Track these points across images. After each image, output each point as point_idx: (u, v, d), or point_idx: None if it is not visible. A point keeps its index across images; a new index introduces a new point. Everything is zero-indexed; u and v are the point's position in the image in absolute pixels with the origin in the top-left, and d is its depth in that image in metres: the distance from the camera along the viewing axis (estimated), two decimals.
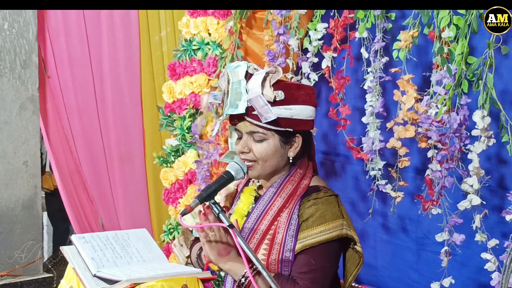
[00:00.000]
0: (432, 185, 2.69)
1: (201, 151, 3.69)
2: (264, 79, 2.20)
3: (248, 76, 2.23)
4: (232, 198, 2.45)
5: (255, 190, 2.39)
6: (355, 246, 2.30)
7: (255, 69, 2.24)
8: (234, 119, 2.26)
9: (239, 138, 2.29)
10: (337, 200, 2.28)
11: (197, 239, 2.48)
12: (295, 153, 2.29)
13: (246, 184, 2.43)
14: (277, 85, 2.21)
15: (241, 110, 2.21)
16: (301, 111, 2.24)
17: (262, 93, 2.18)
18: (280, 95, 2.20)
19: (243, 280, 2.17)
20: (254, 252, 2.23)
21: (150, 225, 4.33)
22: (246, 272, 2.15)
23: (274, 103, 2.19)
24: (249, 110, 2.21)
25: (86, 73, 4.14)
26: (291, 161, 2.29)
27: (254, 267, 2.14)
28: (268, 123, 2.21)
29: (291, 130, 2.25)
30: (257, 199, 2.36)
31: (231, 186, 2.45)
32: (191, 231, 2.57)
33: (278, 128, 2.23)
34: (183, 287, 2.09)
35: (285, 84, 2.25)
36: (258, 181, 2.39)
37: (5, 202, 3.67)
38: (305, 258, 2.21)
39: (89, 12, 4.09)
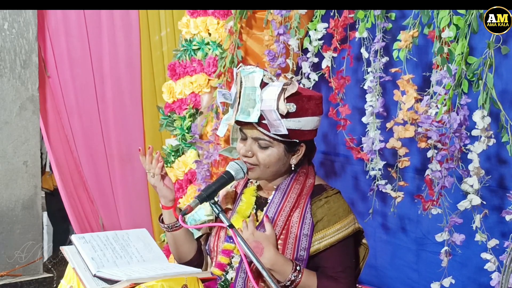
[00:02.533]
0: (432, 185, 2.69)
1: (201, 151, 3.69)
2: (280, 93, 2.19)
3: (262, 84, 2.22)
4: (232, 199, 2.45)
5: (255, 190, 2.39)
6: (362, 239, 2.38)
7: (270, 78, 2.23)
8: (241, 122, 2.27)
9: (243, 139, 2.30)
10: (342, 196, 2.37)
11: None
12: (297, 160, 2.33)
13: (245, 185, 2.44)
14: (289, 96, 2.22)
15: (253, 119, 2.22)
16: (309, 122, 2.27)
17: (277, 107, 2.18)
18: (292, 108, 2.21)
19: (293, 276, 2.19)
20: None
21: (150, 225, 4.33)
22: (293, 270, 2.19)
23: (285, 115, 2.20)
24: (260, 118, 2.22)
25: (86, 73, 4.14)
26: (293, 168, 2.31)
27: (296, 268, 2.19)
28: (276, 134, 2.22)
29: (297, 141, 2.27)
30: (257, 199, 2.37)
31: (229, 188, 2.45)
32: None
33: (285, 139, 2.24)
34: (183, 287, 2.09)
35: (297, 96, 2.24)
36: (257, 182, 2.40)
37: (5, 202, 3.67)
38: (335, 256, 2.27)
39: (89, 12, 4.09)
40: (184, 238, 2.44)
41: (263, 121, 2.22)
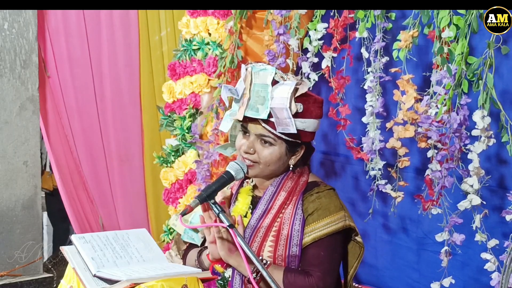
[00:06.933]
0: (432, 185, 2.69)
1: (201, 151, 3.69)
2: (293, 92, 2.21)
3: (273, 82, 2.24)
4: (229, 200, 2.46)
5: (251, 190, 2.40)
6: (356, 237, 2.35)
7: (281, 77, 2.24)
8: (246, 118, 2.27)
9: (245, 135, 2.30)
10: (336, 193, 2.35)
11: (190, 247, 2.49)
12: (295, 161, 2.34)
13: (241, 185, 2.44)
14: (298, 96, 2.24)
15: (263, 115, 2.23)
16: (312, 124, 2.29)
17: (290, 107, 2.19)
18: (300, 108, 2.22)
19: (254, 275, 2.18)
20: (258, 250, 2.28)
21: (148, 224, 4.33)
22: (254, 268, 2.16)
23: (293, 115, 2.22)
24: (268, 115, 2.23)
25: (86, 73, 4.14)
26: (291, 168, 2.33)
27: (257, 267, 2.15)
28: (281, 132, 2.22)
29: (300, 141, 2.28)
30: (253, 199, 2.38)
31: (225, 188, 2.45)
32: (184, 241, 2.56)
33: (288, 138, 2.25)
34: (183, 287, 2.09)
35: (305, 97, 2.26)
36: (253, 181, 2.40)
37: (5, 202, 3.67)
38: (315, 251, 2.25)
39: (89, 12, 4.09)
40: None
41: (270, 119, 2.23)
